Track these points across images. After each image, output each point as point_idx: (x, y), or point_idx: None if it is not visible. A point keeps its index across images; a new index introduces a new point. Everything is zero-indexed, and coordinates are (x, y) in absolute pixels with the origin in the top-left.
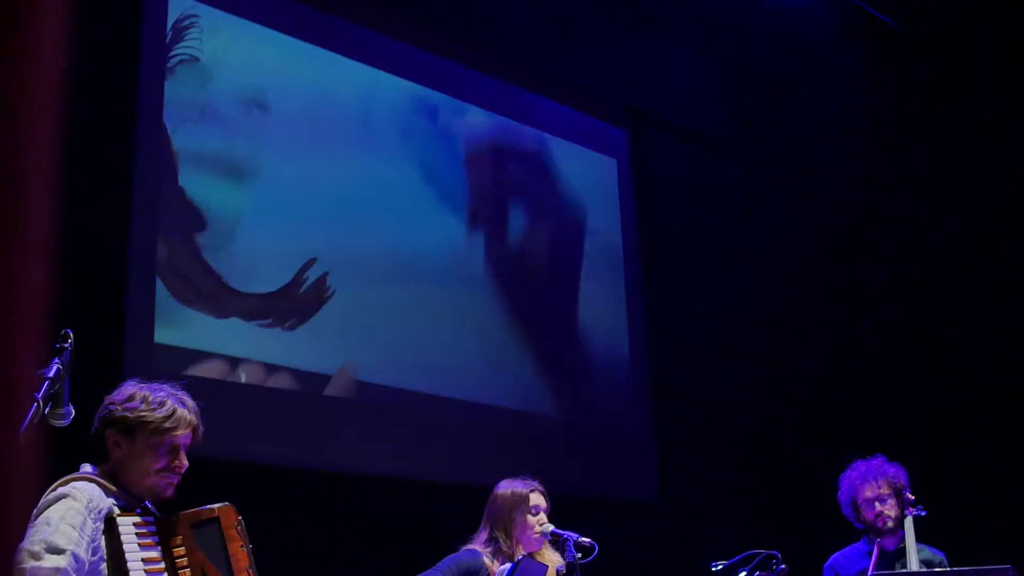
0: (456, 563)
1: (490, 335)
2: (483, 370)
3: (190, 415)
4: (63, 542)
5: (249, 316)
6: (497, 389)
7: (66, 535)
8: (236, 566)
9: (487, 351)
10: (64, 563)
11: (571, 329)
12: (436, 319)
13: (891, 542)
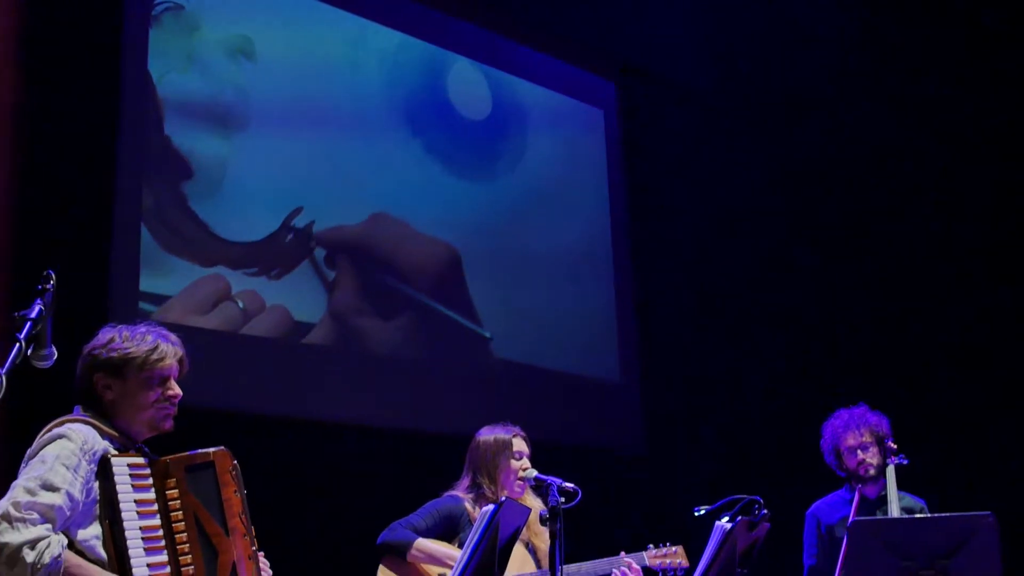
0: (437, 509)
1: (476, 282)
2: (467, 319)
3: (174, 346)
4: (58, 481)
5: (235, 264)
6: (481, 338)
7: (61, 475)
8: (229, 511)
9: (472, 299)
10: (59, 501)
11: (558, 278)
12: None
13: (873, 490)
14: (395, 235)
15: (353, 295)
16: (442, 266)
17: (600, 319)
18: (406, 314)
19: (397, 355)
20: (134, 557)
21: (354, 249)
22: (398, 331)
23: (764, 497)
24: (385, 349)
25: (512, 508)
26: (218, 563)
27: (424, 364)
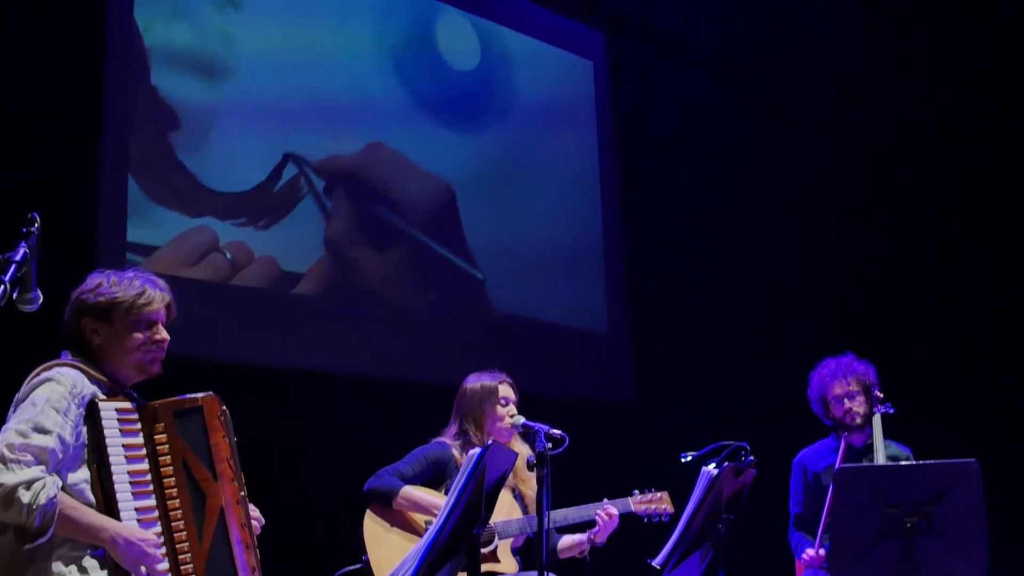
0: (425, 455)
1: (467, 235)
2: (457, 269)
3: (161, 291)
4: (49, 424)
5: (222, 215)
6: (470, 289)
7: (52, 418)
8: (217, 456)
9: (461, 251)
10: (52, 443)
11: (546, 229)
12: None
13: (859, 438)
14: (391, 166)
15: (348, 225)
16: (437, 203)
17: (589, 269)
18: (400, 248)
19: (387, 298)
20: (122, 501)
21: (350, 178)
22: (391, 265)
23: (751, 445)
24: (377, 285)
25: (499, 452)
26: (206, 507)
27: (414, 311)
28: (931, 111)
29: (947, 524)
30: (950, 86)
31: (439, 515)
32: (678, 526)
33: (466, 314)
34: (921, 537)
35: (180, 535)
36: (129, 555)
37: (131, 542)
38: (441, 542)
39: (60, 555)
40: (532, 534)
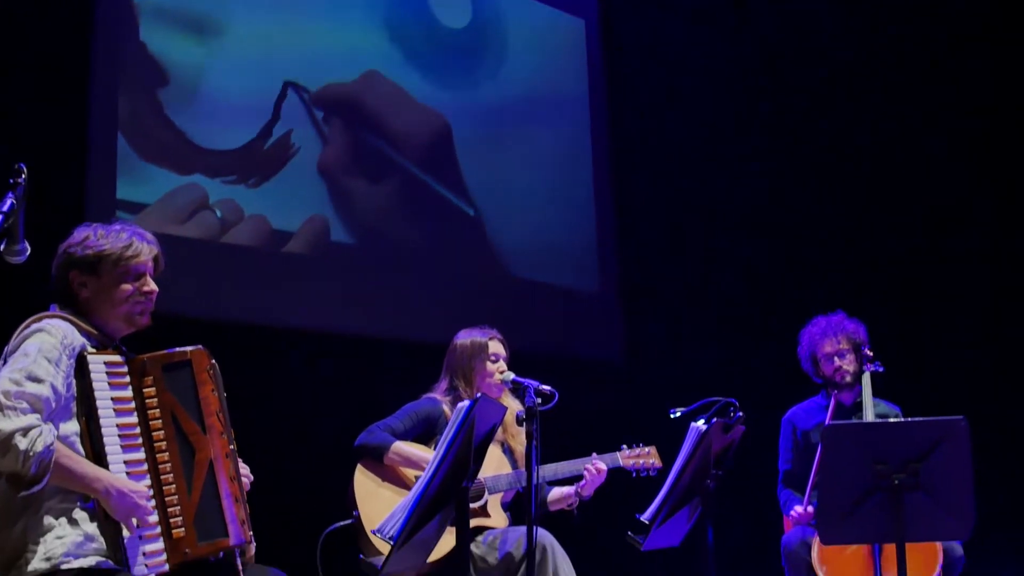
0: (415, 411)
1: (458, 194)
2: (448, 228)
3: (149, 244)
4: (42, 373)
5: (213, 173)
6: (462, 247)
7: (44, 367)
8: (206, 409)
9: (453, 210)
10: (46, 392)
11: (538, 188)
12: (402, 176)
13: (848, 396)
14: (387, 95)
15: (343, 153)
16: (433, 136)
17: (580, 228)
18: (394, 180)
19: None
20: (111, 454)
21: (345, 104)
22: (384, 199)
23: (741, 403)
24: (369, 217)
25: (488, 405)
26: (195, 461)
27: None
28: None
29: (934, 480)
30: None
31: (428, 467)
32: (666, 481)
33: (458, 271)
34: (908, 493)
35: (169, 488)
36: (121, 506)
37: (124, 493)
38: (430, 494)
39: (50, 507)
40: (522, 489)
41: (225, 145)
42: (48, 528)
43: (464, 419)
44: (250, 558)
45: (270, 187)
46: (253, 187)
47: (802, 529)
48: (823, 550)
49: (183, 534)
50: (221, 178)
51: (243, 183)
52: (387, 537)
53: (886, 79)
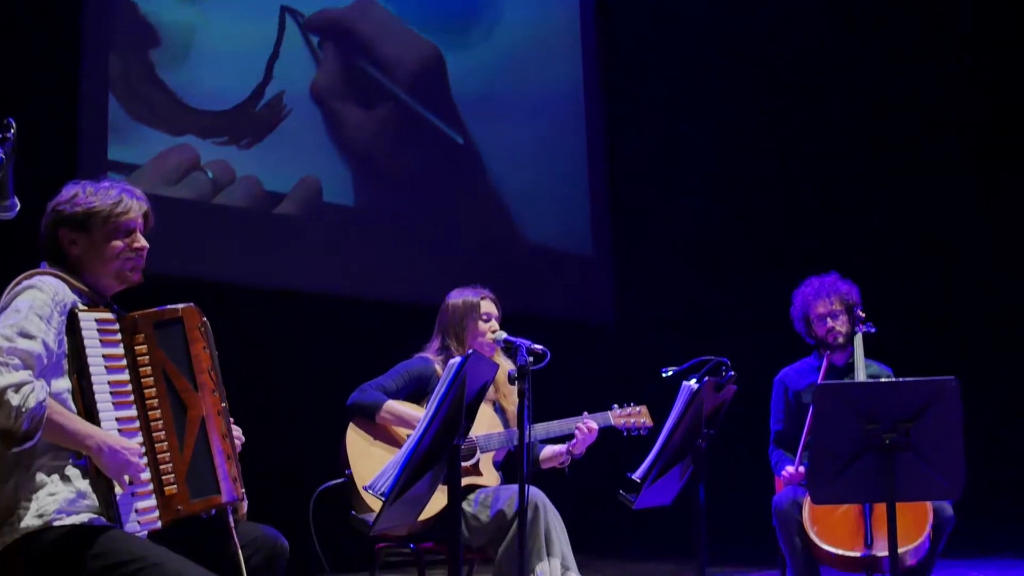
0: (407, 370)
1: (452, 156)
2: (441, 190)
3: (138, 200)
4: (34, 329)
5: (204, 134)
6: (455, 209)
7: (36, 324)
8: (198, 367)
9: (446, 171)
10: (38, 348)
11: (531, 149)
12: (394, 139)
13: (840, 357)
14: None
15: (336, 78)
16: (425, 63)
17: (573, 191)
18: (386, 106)
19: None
20: (103, 412)
21: (338, 28)
22: (377, 123)
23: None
24: (362, 135)
25: (480, 361)
26: (187, 418)
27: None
28: None
29: (925, 440)
30: None
31: (419, 424)
32: (658, 440)
33: (451, 232)
34: (899, 453)
35: (161, 445)
36: (113, 463)
37: (115, 450)
38: (421, 451)
39: (41, 465)
40: (513, 448)
41: (217, 106)
42: (40, 485)
43: (456, 375)
44: (242, 516)
45: (262, 148)
46: (245, 148)
47: (793, 489)
48: (814, 510)
49: (175, 491)
50: (213, 139)
51: (235, 144)
52: (378, 493)
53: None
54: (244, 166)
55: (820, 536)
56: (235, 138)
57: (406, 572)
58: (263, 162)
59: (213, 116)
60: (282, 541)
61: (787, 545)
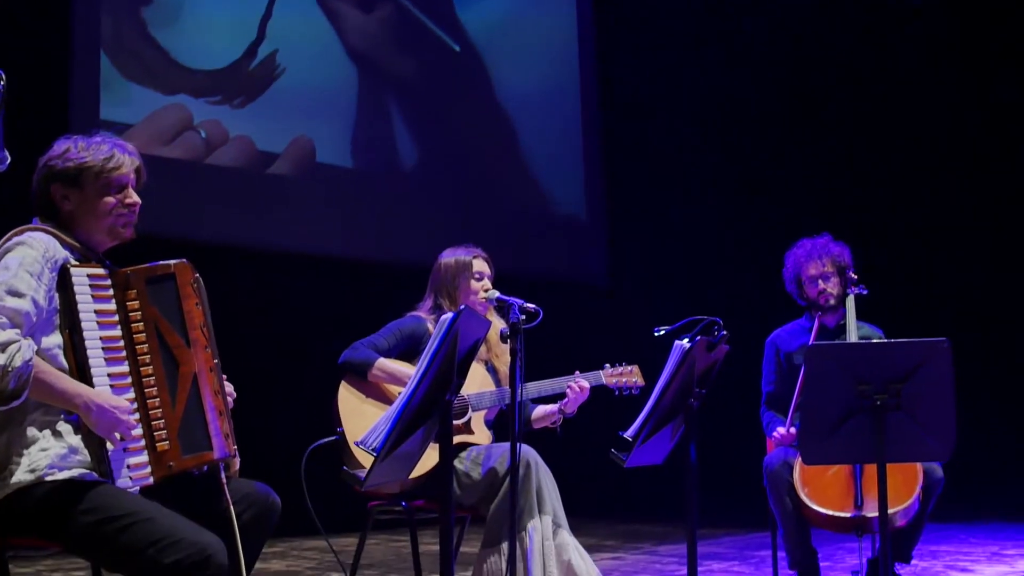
0: (400, 328)
1: (446, 113)
2: (434, 150)
3: (130, 155)
4: (23, 287)
5: (197, 93)
6: (448, 170)
7: (26, 281)
8: (190, 323)
9: (439, 133)
10: (26, 307)
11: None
12: (387, 98)
13: (832, 319)
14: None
15: (336, 140)
16: None
17: (566, 153)
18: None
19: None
20: (95, 367)
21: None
22: (379, 178)
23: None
24: (367, 189)
25: (472, 317)
26: (179, 374)
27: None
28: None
29: (916, 402)
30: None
31: (411, 379)
32: (650, 399)
33: (443, 195)
34: (890, 414)
35: (153, 401)
36: (102, 421)
37: (104, 408)
38: (413, 406)
39: (33, 420)
40: (505, 406)
41: (210, 65)
42: (32, 440)
43: (448, 330)
44: (234, 473)
45: (255, 108)
46: (239, 107)
47: (784, 450)
48: (805, 471)
49: (167, 447)
50: (206, 98)
51: (228, 103)
52: (370, 448)
53: None
54: (237, 126)
55: (811, 497)
56: (228, 97)
57: (398, 532)
58: (256, 122)
59: (206, 75)
60: (274, 497)
61: (778, 505)
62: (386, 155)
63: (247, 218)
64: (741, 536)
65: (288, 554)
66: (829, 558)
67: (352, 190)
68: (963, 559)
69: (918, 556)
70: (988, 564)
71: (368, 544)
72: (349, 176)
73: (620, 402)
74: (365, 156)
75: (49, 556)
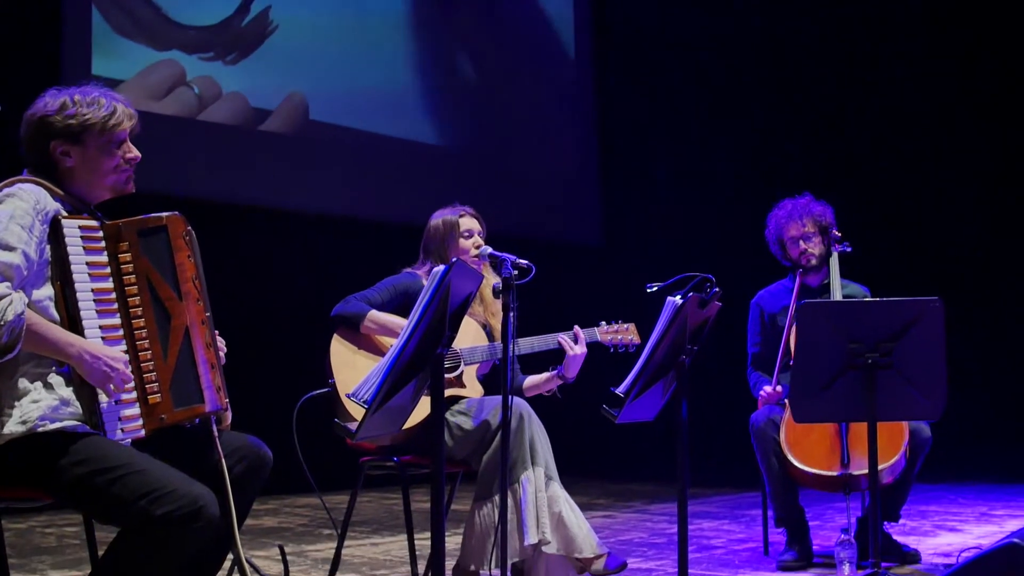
0: (394, 284)
1: (439, 74)
2: (426, 108)
3: (127, 107)
4: (14, 240)
5: (189, 49)
6: (440, 128)
7: (16, 234)
8: (182, 275)
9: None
10: (17, 260)
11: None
12: (381, 58)
13: (815, 278)
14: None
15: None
16: None
17: (560, 112)
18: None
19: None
20: (86, 319)
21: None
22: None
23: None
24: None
25: (464, 269)
26: (171, 327)
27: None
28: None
29: (907, 360)
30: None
31: (403, 330)
32: (642, 354)
33: (438, 159)
34: (882, 372)
35: (145, 354)
36: (96, 371)
37: (97, 358)
38: (405, 358)
39: (25, 372)
40: (497, 361)
41: (202, 21)
42: (24, 392)
43: (440, 282)
44: (226, 426)
45: (248, 64)
46: (231, 64)
47: (769, 408)
48: (791, 431)
49: (159, 400)
50: (198, 54)
51: (221, 60)
52: (361, 400)
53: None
54: (230, 82)
55: (797, 457)
56: (221, 53)
57: (390, 489)
58: (249, 78)
59: (198, 31)
60: (265, 451)
61: (764, 462)
62: (378, 113)
63: (240, 175)
64: (732, 495)
65: (280, 511)
66: (818, 517)
67: (345, 147)
68: (952, 519)
69: (907, 516)
70: (976, 524)
71: (360, 502)
72: (342, 133)
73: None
74: (357, 114)
75: (42, 512)
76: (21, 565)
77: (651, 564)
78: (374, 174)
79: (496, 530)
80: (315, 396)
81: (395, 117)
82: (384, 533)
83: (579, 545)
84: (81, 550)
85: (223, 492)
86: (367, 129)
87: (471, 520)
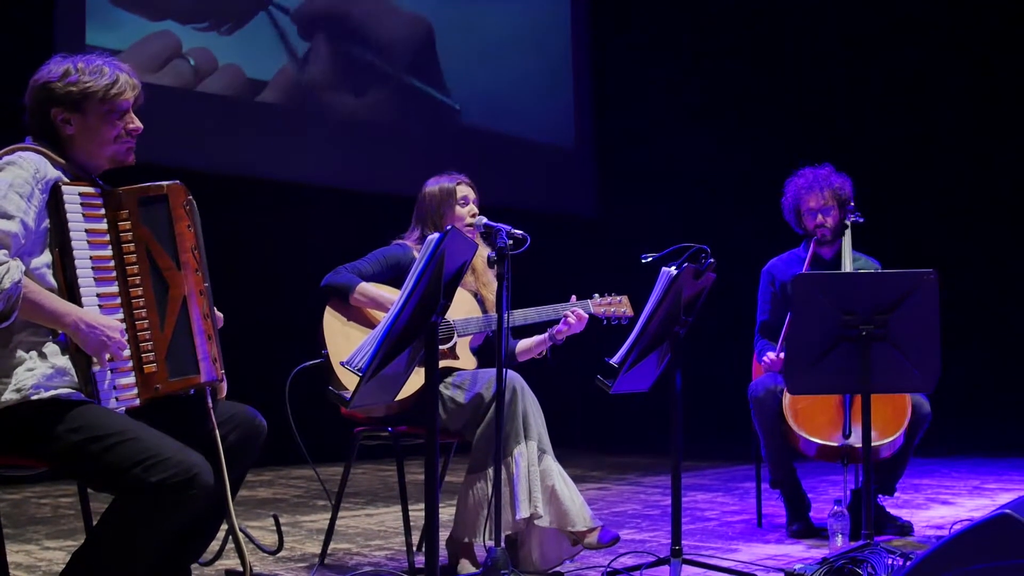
0: (385, 256)
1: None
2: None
3: (131, 77)
4: (12, 208)
5: (184, 19)
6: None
7: (15, 202)
8: (181, 245)
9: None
10: (15, 228)
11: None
12: (377, 30)
13: (829, 250)
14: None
15: (326, 68)
16: (416, 41)
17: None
18: (379, 87)
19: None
20: (84, 287)
21: (328, 19)
22: (369, 107)
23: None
24: (356, 118)
25: (458, 238)
26: (168, 296)
27: (385, 127)
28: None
29: (902, 333)
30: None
31: (397, 300)
32: (637, 325)
33: (433, 131)
34: (876, 344)
35: (142, 323)
36: (92, 340)
37: (93, 327)
38: (399, 327)
39: (20, 341)
40: (491, 333)
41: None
42: (19, 361)
43: (435, 250)
44: (221, 397)
45: (244, 34)
46: (226, 34)
47: (771, 376)
48: (794, 399)
49: (155, 369)
50: (193, 25)
51: (216, 30)
52: (355, 368)
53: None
54: (226, 53)
55: (799, 424)
56: (216, 24)
57: (384, 461)
58: (245, 49)
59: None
60: (260, 420)
61: (762, 426)
62: (374, 84)
63: (237, 146)
64: (726, 468)
65: (275, 482)
66: (813, 490)
67: (340, 118)
68: (944, 492)
69: (900, 489)
70: (969, 498)
71: (354, 473)
72: (337, 104)
73: (606, 334)
74: (353, 84)
75: (37, 482)
76: (16, 535)
77: (645, 535)
78: (369, 145)
79: (489, 503)
80: (308, 367)
81: (390, 89)
82: (378, 504)
83: (572, 519)
84: (76, 520)
85: (216, 461)
86: (361, 100)
87: (464, 493)
